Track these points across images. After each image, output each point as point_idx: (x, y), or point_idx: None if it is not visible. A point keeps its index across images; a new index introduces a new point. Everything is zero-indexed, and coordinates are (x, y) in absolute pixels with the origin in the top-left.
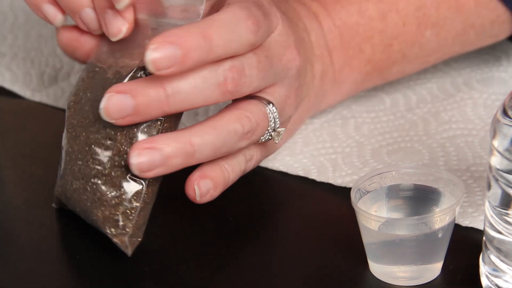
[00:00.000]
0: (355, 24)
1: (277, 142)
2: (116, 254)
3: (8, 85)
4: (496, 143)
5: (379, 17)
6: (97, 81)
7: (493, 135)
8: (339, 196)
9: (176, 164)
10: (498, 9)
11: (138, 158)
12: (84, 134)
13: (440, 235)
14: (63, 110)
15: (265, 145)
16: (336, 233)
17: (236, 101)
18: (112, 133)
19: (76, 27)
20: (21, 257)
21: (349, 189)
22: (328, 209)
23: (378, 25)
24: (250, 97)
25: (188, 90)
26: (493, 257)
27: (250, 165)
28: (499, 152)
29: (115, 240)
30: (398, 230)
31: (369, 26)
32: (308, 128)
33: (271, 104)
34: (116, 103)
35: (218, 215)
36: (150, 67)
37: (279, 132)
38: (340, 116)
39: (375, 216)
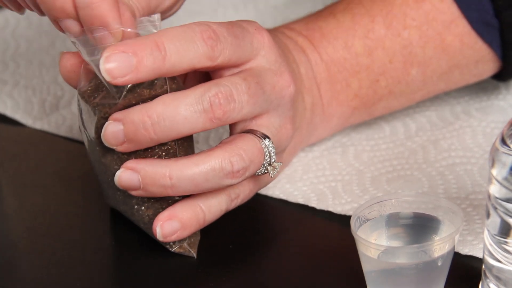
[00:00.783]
0: (342, 59)
1: (272, 176)
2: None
3: (9, 112)
4: (494, 172)
5: (365, 53)
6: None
7: (492, 164)
8: (339, 224)
9: (154, 192)
10: (482, 50)
11: (121, 173)
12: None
13: (439, 263)
14: (65, 138)
15: (257, 179)
16: (336, 261)
17: (231, 134)
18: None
19: (78, 54)
20: (21, 286)
21: (349, 217)
22: (328, 237)
23: (365, 60)
24: (246, 131)
25: (173, 117)
26: (492, 286)
27: (236, 203)
28: (497, 180)
29: (177, 251)
30: (398, 259)
31: (355, 61)
32: (308, 156)
33: (267, 139)
34: (111, 131)
35: (217, 242)
36: (105, 76)
37: (275, 167)
38: (339, 144)
39: (374, 245)
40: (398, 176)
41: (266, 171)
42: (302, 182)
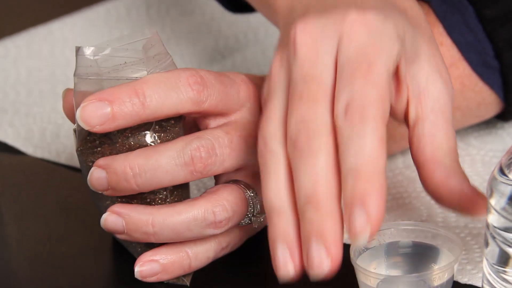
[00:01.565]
0: None
1: (256, 226)
2: None
3: (10, 141)
4: (493, 201)
5: None
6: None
7: (490, 193)
8: None
9: (137, 238)
10: (483, 92)
11: (107, 216)
12: None
13: None
14: (65, 166)
15: (246, 227)
16: None
17: (216, 183)
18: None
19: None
20: None
21: (349, 245)
22: None
23: None
24: (231, 181)
25: (153, 170)
26: None
27: (225, 252)
28: (496, 210)
29: (171, 281)
30: (397, 287)
31: None
32: None
33: (251, 190)
34: (96, 177)
35: (217, 274)
36: (83, 125)
37: (258, 217)
38: None
39: (374, 273)
40: (397, 205)
41: (250, 222)
42: None
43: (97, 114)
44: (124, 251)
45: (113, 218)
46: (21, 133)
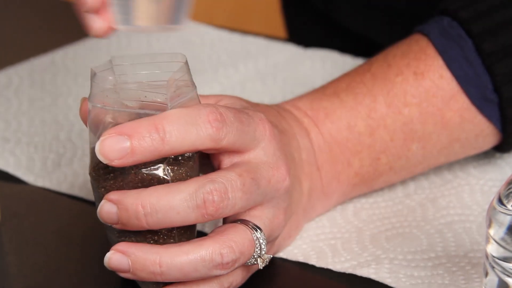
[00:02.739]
0: (345, 139)
1: (261, 267)
2: None
3: (12, 170)
4: (492, 231)
5: (368, 133)
6: None
7: (489, 223)
8: (338, 282)
9: (143, 277)
10: (482, 124)
11: (111, 255)
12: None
13: None
14: (66, 195)
15: (250, 266)
16: None
17: (224, 222)
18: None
19: None
20: None
21: (349, 274)
22: None
23: (367, 140)
24: (238, 220)
25: (165, 211)
26: None
27: None
28: (495, 240)
29: None
30: None
31: (358, 141)
32: None
33: (259, 231)
34: (105, 210)
35: None
36: (101, 159)
37: (264, 259)
38: None
39: None
40: (397, 234)
41: (255, 262)
42: (301, 240)
43: (116, 148)
44: (125, 282)
45: (118, 257)
46: (23, 162)
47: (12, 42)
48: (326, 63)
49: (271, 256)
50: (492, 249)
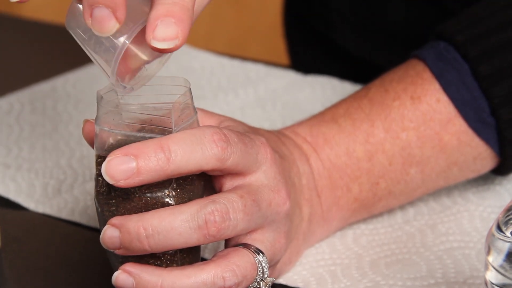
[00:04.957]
0: (343, 165)
1: None
2: None
3: (12, 196)
4: (491, 258)
5: (366, 158)
6: None
7: (488, 250)
8: None
9: None
10: (480, 147)
11: (118, 274)
12: None
13: None
14: (67, 222)
15: None
16: None
17: (226, 246)
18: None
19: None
20: None
21: None
22: None
23: (365, 165)
24: (241, 244)
25: (167, 232)
26: None
27: None
28: (494, 267)
29: None
30: None
31: (356, 167)
32: None
33: (261, 254)
34: (108, 235)
35: None
36: (107, 179)
37: (267, 282)
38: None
39: None
40: (397, 260)
41: (258, 286)
42: (301, 266)
43: (122, 169)
44: None
45: (124, 277)
46: (23, 188)
47: (13, 68)
48: (326, 90)
49: (274, 279)
50: (491, 276)
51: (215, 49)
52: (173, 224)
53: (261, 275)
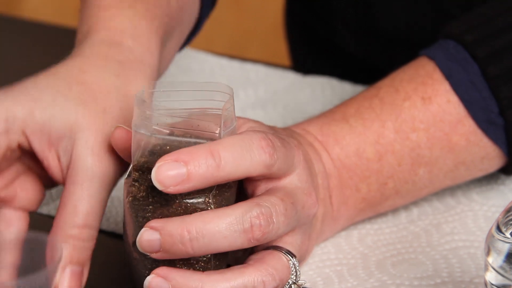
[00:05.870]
0: (353, 165)
1: None
2: None
3: None
4: (490, 259)
5: (376, 158)
6: None
7: (488, 251)
8: None
9: None
10: (488, 147)
11: (151, 279)
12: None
13: None
14: None
15: None
16: None
17: (256, 249)
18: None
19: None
20: None
21: None
22: None
23: (375, 165)
24: (273, 247)
25: (212, 235)
26: None
27: None
28: (493, 268)
29: None
30: None
31: (366, 167)
32: None
33: (294, 258)
34: (146, 238)
35: None
36: (157, 185)
37: (300, 285)
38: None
39: None
40: (403, 259)
41: None
42: (308, 266)
43: (173, 174)
44: None
45: (159, 281)
46: None
47: (13, 69)
48: (326, 90)
49: (305, 282)
50: (491, 276)
51: (215, 51)
52: (218, 227)
53: (294, 278)
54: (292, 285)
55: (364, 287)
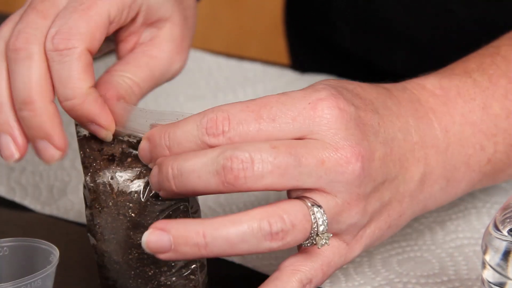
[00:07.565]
0: (478, 120)
1: (319, 247)
2: None
3: (18, 199)
4: (488, 257)
5: (504, 115)
6: None
7: (485, 249)
8: None
9: (186, 252)
10: None
11: (148, 236)
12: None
13: None
14: (74, 223)
15: (330, 261)
16: None
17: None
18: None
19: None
20: None
21: None
22: None
23: (503, 123)
24: (297, 197)
25: (188, 173)
26: None
27: None
28: (490, 266)
29: None
30: None
31: (493, 124)
32: None
33: (318, 207)
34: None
35: None
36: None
37: (322, 237)
38: None
39: None
40: (409, 257)
41: (314, 243)
42: None
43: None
44: None
45: (157, 235)
46: (29, 191)
47: None
48: None
49: (331, 234)
50: (488, 274)
51: (213, 49)
52: (194, 166)
53: (316, 229)
54: (316, 238)
55: (371, 285)
